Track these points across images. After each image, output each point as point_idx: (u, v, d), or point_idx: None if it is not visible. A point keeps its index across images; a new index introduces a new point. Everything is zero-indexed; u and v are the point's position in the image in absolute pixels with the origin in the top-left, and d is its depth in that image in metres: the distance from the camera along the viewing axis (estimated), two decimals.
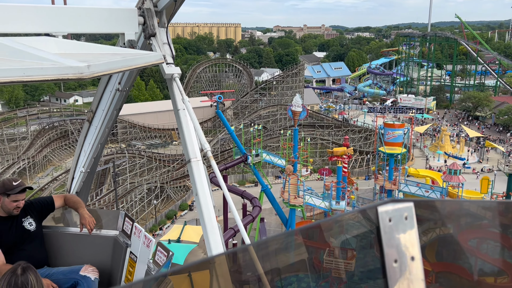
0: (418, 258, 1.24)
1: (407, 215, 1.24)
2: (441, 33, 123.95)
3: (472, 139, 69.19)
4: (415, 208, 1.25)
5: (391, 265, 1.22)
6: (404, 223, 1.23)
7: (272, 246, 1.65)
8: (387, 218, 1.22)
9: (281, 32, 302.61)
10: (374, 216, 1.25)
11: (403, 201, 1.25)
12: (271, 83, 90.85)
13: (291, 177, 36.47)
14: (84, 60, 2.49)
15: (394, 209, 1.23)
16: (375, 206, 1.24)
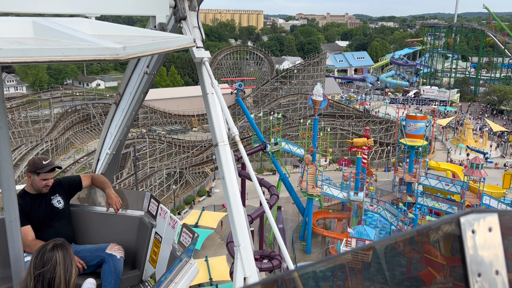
0: (504, 273, 1.18)
1: (491, 227, 1.19)
2: (467, 24, 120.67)
3: (495, 133, 67.69)
4: (500, 219, 1.21)
5: (475, 279, 1.17)
6: (488, 235, 1.18)
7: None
8: (471, 230, 1.17)
9: (303, 20, 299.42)
10: (456, 226, 1.20)
11: (486, 211, 1.21)
12: (292, 71, 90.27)
13: (310, 167, 36.39)
14: (119, 42, 2.52)
15: (477, 219, 1.18)
16: (458, 216, 1.21)
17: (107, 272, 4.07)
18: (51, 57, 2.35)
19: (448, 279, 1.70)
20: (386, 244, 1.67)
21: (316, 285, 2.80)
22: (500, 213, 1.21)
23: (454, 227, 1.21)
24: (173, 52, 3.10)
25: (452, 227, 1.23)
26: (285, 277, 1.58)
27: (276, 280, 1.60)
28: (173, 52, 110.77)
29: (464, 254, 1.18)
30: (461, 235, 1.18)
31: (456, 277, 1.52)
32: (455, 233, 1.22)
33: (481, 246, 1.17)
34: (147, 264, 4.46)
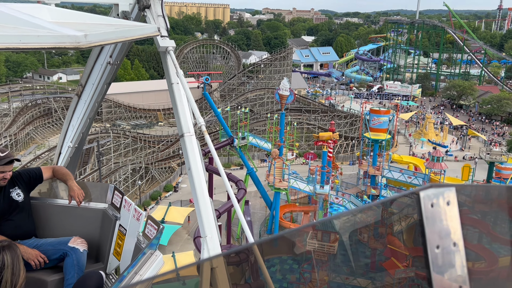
0: (461, 244, 1.23)
1: (449, 201, 1.22)
2: (429, 21, 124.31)
3: (455, 127, 70.24)
4: (457, 193, 1.25)
5: (434, 251, 1.20)
6: (446, 208, 1.21)
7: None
8: (430, 203, 1.20)
9: (270, 15, 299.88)
10: (415, 201, 1.24)
11: (445, 185, 1.24)
12: (259, 66, 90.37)
13: (277, 161, 36.66)
14: (80, 30, 2.46)
15: (436, 194, 1.21)
16: (417, 190, 1.23)
17: (69, 266, 3.98)
18: (8, 44, 2.27)
19: (411, 269, 1.77)
20: (347, 216, 1.72)
21: (284, 277, 2.84)
22: (458, 187, 1.26)
23: (415, 201, 1.24)
24: (137, 40, 3.04)
25: (412, 202, 1.25)
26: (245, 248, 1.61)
27: (238, 251, 1.62)
28: (138, 45, 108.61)
29: (423, 227, 1.21)
30: (421, 208, 1.21)
31: (418, 267, 1.59)
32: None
33: (440, 219, 1.20)
34: (111, 257, 4.39)
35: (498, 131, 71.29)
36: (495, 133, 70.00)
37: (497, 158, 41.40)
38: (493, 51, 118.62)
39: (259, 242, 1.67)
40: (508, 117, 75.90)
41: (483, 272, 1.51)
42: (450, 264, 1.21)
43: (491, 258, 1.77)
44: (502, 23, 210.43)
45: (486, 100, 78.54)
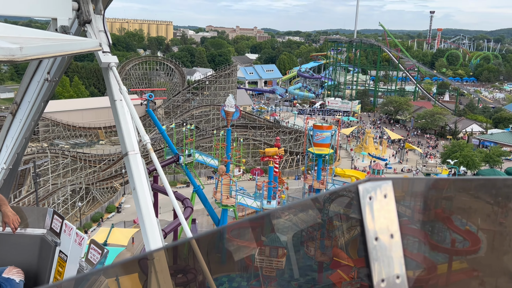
0: (398, 236, 1.26)
1: (387, 193, 1.26)
2: (366, 40, 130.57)
3: (393, 141, 73.60)
4: (394, 186, 1.28)
5: (372, 243, 1.23)
6: (384, 201, 1.24)
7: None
8: (368, 197, 1.23)
9: (213, 32, 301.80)
10: (355, 194, 1.26)
11: (382, 179, 1.27)
12: (203, 82, 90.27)
13: (224, 177, 36.46)
14: (15, 42, 2.32)
15: (374, 187, 1.24)
16: (356, 184, 1.26)
17: None
18: None
19: (356, 280, 1.79)
20: (286, 210, 1.72)
21: None
22: (394, 180, 1.29)
23: (354, 194, 1.26)
24: (77, 55, 2.88)
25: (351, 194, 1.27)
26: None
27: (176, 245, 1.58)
28: (77, 62, 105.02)
29: (362, 219, 1.23)
30: (359, 201, 1.23)
31: (363, 278, 1.60)
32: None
33: (378, 211, 1.23)
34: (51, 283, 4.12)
35: (432, 144, 75.54)
36: (430, 146, 74.09)
37: (432, 169, 43.77)
38: (426, 68, 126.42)
39: (197, 236, 1.65)
40: (441, 130, 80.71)
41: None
42: (388, 255, 1.23)
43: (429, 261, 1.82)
44: (432, 42, 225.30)
45: (420, 115, 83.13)
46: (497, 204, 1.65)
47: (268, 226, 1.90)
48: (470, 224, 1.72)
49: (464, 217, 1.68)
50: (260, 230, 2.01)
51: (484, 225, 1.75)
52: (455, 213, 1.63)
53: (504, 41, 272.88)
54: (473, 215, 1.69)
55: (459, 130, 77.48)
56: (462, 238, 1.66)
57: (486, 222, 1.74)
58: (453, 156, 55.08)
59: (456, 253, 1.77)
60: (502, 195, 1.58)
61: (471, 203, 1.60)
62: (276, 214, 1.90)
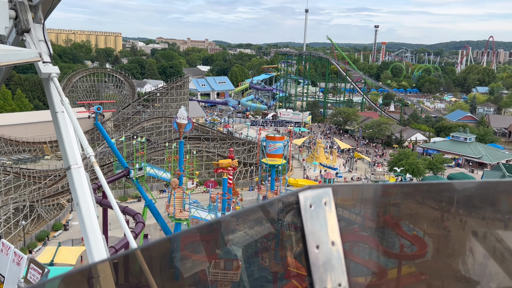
0: (339, 243, 1.25)
1: (326, 201, 1.25)
2: (315, 53, 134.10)
3: (343, 151, 75.58)
4: (333, 193, 1.27)
5: (313, 251, 1.22)
6: (324, 208, 1.23)
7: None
8: (308, 204, 1.22)
9: (164, 44, 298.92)
10: (295, 203, 1.24)
11: (321, 186, 1.26)
12: (154, 94, 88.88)
13: (177, 191, 35.86)
14: None
15: (314, 195, 1.23)
16: (296, 192, 1.24)
17: None
18: None
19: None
20: (227, 219, 1.69)
21: None
22: (334, 187, 1.30)
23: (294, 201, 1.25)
24: (16, 66, 2.70)
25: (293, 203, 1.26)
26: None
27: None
28: (20, 73, 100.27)
29: (303, 228, 1.22)
30: (300, 210, 1.22)
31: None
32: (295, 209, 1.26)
33: (318, 219, 1.22)
34: None
35: (380, 153, 78.27)
36: (377, 155, 76.70)
37: (380, 177, 45.27)
38: (372, 80, 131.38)
39: (142, 248, 1.56)
40: (387, 140, 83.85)
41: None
42: (330, 263, 1.22)
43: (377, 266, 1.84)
44: (377, 55, 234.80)
45: (368, 125, 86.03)
46: (435, 208, 1.70)
47: (221, 237, 1.85)
48: (408, 227, 1.76)
49: (403, 221, 1.72)
50: (213, 242, 1.95)
51: (423, 228, 1.79)
52: (395, 217, 1.66)
53: (443, 54, 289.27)
54: (411, 219, 1.72)
55: (404, 139, 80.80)
56: (400, 242, 1.69)
57: (424, 225, 1.79)
58: (399, 164, 57.31)
59: (399, 257, 1.80)
60: (439, 198, 1.63)
61: (411, 208, 1.64)
62: (227, 223, 1.86)
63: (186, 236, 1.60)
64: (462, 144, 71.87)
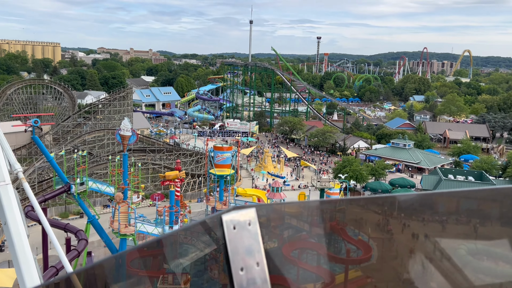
0: (264, 264, 1.23)
1: (251, 221, 1.23)
2: (260, 64, 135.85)
3: (289, 159, 76.72)
4: (257, 214, 1.25)
5: (238, 274, 1.19)
6: (248, 229, 1.22)
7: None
8: (232, 226, 1.21)
9: (106, 54, 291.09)
10: (218, 225, 1.22)
11: (246, 207, 1.24)
12: (96, 106, 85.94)
13: (121, 205, 34.70)
14: None
15: (238, 216, 1.21)
16: (219, 214, 1.22)
17: None
18: None
19: None
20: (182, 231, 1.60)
21: None
22: (257, 207, 1.28)
23: (218, 225, 1.22)
24: None
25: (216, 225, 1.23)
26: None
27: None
28: None
29: (227, 251, 1.20)
30: (223, 232, 1.21)
31: None
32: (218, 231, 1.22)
33: (242, 240, 1.21)
34: None
35: (325, 160, 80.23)
36: (323, 163, 78.58)
37: (326, 184, 46.30)
38: (315, 90, 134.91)
39: (78, 271, 1.44)
40: (332, 147, 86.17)
41: None
42: (255, 285, 1.20)
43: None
44: (320, 66, 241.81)
45: (313, 133, 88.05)
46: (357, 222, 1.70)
47: (169, 251, 1.75)
48: (329, 244, 1.74)
49: (325, 239, 1.70)
50: (161, 256, 1.85)
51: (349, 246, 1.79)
52: (315, 236, 1.64)
53: (382, 65, 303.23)
54: (333, 236, 1.70)
55: (347, 146, 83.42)
56: (312, 273, 1.68)
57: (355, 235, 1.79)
58: (343, 171, 59.01)
59: (331, 274, 1.78)
60: (354, 217, 1.62)
61: (334, 226, 1.63)
62: (174, 238, 1.76)
63: (109, 263, 1.49)
64: (402, 150, 75.28)
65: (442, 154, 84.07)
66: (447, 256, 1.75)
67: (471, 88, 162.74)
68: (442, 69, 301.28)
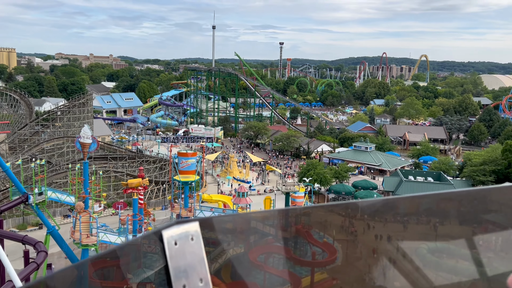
0: (208, 280, 1.18)
1: (193, 236, 1.18)
2: (224, 69, 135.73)
3: (255, 164, 76.90)
4: (201, 227, 1.20)
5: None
6: (191, 244, 1.17)
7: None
8: (173, 242, 1.15)
9: (64, 60, 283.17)
10: (158, 241, 1.16)
11: (188, 221, 1.19)
12: (55, 113, 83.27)
13: (82, 215, 33.73)
14: None
15: (180, 230, 1.16)
16: (159, 230, 1.16)
17: None
18: None
19: None
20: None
21: None
22: (201, 221, 1.23)
23: (158, 241, 1.16)
24: None
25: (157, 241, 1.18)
26: None
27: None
28: None
29: (168, 267, 1.14)
30: (164, 248, 1.15)
31: None
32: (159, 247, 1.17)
33: (184, 256, 1.15)
34: None
35: (290, 164, 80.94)
36: (288, 167, 79.22)
37: (291, 188, 46.69)
38: (279, 95, 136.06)
39: (29, 285, 1.35)
40: (296, 151, 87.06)
41: None
42: None
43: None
44: (283, 71, 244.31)
45: (277, 138, 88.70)
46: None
47: (132, 260, 1.69)
48: (278, 256, 1.74)
49: (273, 253, 1.69)
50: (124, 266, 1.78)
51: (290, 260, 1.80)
52: (263, 248, 1.62)
53: (343, 70, 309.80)
54: (280, 247, 1.69)
55: (311, 150, 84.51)
56: (278, 277, 1.67)
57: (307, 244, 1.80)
58: (308, 174, 59.71)
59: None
60: (289, 223, 1.64)
61: (279, 237, 1.63)
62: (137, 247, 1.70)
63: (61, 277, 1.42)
64: (364, 153, 76.99)
65: (402, 156, 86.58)
66: (409, 255, 1.79)
67: (429, 92, 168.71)
68: (400, 74, 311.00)
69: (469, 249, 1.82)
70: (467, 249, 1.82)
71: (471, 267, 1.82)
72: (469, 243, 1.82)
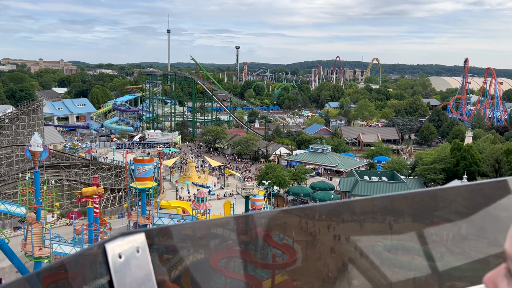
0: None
1: (139, 248, 1.13)
2: (180, 73, 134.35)
3: (214, 168, 76.51)
4: (147, 239, 1.15)
5: None
6: (137, 256, 1.12)
7: None
8: (117, 254, 1.09)
9: (12, 65, 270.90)
10: (102, 255, 1.10)
11: (134, 232, 1.15)
12: (2, 121, 79.44)
13: (34, 226, 32.29)
14: None
15: (124, 243, 1.11)
16: (102, 243, 1.11)
17: None
18: None
19: None
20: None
21: None
22: (147, 232, 1.17)
23: (101, 255, 1.10)
24: None
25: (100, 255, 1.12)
26: None
27: None
28: None
29: (112, 281, 1.09)
30: (108, 262, 1.09)
31: None
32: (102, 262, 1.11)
33: (130, 269, 1.10)
34: None
35: (249, 168, 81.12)
36: (247, 170, 79.38)
37: (250, 191, 46.78)
38: (237, 99, 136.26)
39: None
40: (255, 155, 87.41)
41: None
42: None
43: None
44: (240, 75, 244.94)
45: (236, 142, 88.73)
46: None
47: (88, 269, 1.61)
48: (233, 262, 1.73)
49: (227, 260, 1.66)
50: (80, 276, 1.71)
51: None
52: (214, 257, 1.63)
53: (298, 73, 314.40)
54: (233, 252, 1.68)
55: (270, 153, 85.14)
56: (239, 281, 1.66)
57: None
58: (267, 177, 60.12)
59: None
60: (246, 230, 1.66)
61: (233, 245, 1.62)
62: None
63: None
64: (320, 154, 78.43)
65: (357, 156, 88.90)
66: (366, 253, 1.84)
67: (381, 94, 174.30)
68: (354, 77, 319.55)
69: (422, 245, 1.89)
70: (421, 245, 1.89)
71: (425, 262, 1.89)
72: (422, 239, 1.90)
